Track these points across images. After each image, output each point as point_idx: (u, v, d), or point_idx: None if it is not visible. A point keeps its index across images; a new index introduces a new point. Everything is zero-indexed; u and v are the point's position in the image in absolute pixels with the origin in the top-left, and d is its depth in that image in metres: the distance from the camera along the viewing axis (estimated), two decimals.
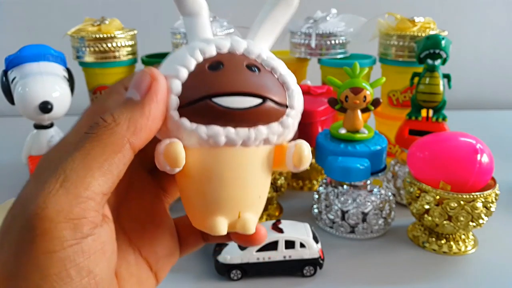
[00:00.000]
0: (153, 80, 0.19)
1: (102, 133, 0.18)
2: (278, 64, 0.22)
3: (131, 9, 1.03)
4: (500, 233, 0.54)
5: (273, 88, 0.21)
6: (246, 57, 0.21)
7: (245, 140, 0.20)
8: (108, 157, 0.18)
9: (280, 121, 0.21)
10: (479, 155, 0.46)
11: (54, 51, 0.61)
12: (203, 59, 0.20)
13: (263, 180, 0.22)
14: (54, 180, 0.16)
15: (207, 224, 0.21)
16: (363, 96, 0.49)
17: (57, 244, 0.16)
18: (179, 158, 0.19)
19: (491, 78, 1.11)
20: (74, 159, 0.17)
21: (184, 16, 0.22)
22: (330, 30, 0.68)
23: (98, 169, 0.17)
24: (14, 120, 0.76)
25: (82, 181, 0.17)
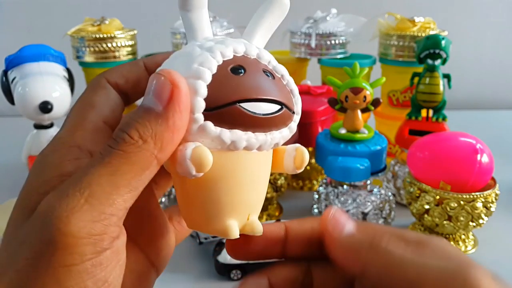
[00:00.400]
0: (175, 87, 0.18)
1: (130, 151, 0.17)
2: (285, 71, 0.22)
3: (131, 9, 1.03)
4: (500, 233, 0.54)
5: (286, 95, 0.22)
6: (259, 62, 0.21)
7: (262, 144, 0.21)
8: (135, 174, 0.17)
9: (288, 126, 0.22)
10: (479, 155, 0.46)
11: (54, 51, 0.61)
12: (223, 61, 0.20)
13: (266, 182, 0.23)
14: (78, 194, 0.16)
15: (219, 227, 0.21)
16: (363, 96, 0.49)
17: (76, 258, 0.16)
18: (207, 162, 0.19)
19: (491, 78, 1.11)
20: (101, 174, 0.17)
21: (185, 11, 0.22)
22: (330, 30, 0.68)
23: (125, 186, 0.17)
24: (14, 120, 0.77)
25: (108, 197, 0.17)
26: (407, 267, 0.19)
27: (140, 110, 0.18)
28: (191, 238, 0.53)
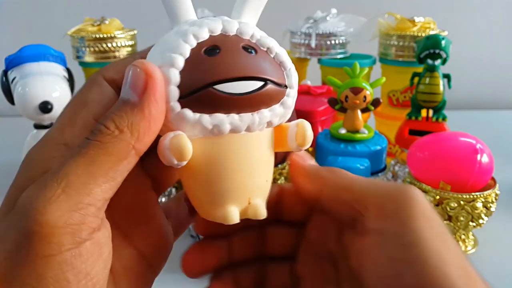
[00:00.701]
0: (148, 77, 0.18)
1: (107, 141, 0.18)
2: (272, 43, 0.21)
3: (131, 9, 1.03)
4: (500, 233, 0.54)
5: (272, 69, 0.20)
6: (240, 38, 0.20)
7: (250, 125, 0.20)
8: (113, 165, 0.17)
9: (281, 102, 0.21)
10: (479, 155, 0.46)
11: (54, 51, 0.61)
12: (197, 43, 0.19)
13: (268, 164, 0.22)
14: (55, 185, 0.16)
15: (218, 214, 0.21)
16: (363, 96, 0.49)
17: (55, 248, 0.16)
18: (185, 150, 0.19)
19: (491, 78, 1.11)
20: (78, 164, 0.17)
21: None
22: (330, 30, 0.68)
23: (102, 176, 0.17)
24: (14, 120, 0.77)
25: (85, 187, 0.17)
26: (355, 187, 0.21)
27: (117, 103, 0.19)
28: (191, 238, 0.52)
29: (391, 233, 0.19)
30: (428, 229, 0.19)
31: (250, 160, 0.21)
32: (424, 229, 0.19)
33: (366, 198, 0.21)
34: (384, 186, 0.21)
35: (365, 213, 0.20)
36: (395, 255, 0.19)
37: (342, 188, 0.22)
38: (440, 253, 0.18)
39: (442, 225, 0.20)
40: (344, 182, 0.22)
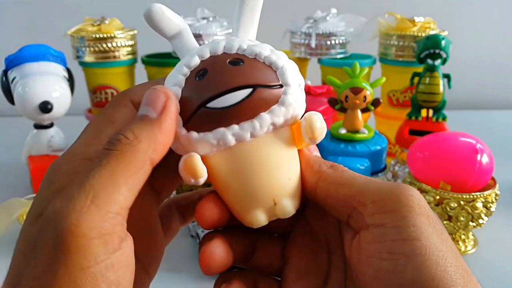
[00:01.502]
0: (168, 98, 0.20)
1: (126, 150, 0.19)
2: (260, 49, 0.22)
3: (131, 9, 1.03)
4: (500, 233, 0.54)
5: (259, 73, 0.21)
6: (227, 55, 0.21)
7: (252, 131, 0.21)
8: (133, 173, 0.18)
9: (279, 102, 0.21)
10: (479, 155, 0.46)
11: (54, 51, 0.61)
12: (190, 71, 0.21)
13: (288, 163, 0.22)
14: (84, 197, 0.17)
15: (247, 220, 0.22)
16: (363, 96, 0.49)
17: (91, 260, 0.17)
18: (197, 169, 0.20)
19: (491, 78, 1.11)
20: (101, 175, 0.18)
21: (169, 40, 0.23)
22: (330, 30, 0.68)
23: (124, 185, 0.18)
24: (14, 120, 0.77)
25: (111, 197, 0.17)
26: (354, 183, 0.22)
27: (136, 118, 0.20)
28: (191, 238, 0.53)
29: (391, 227, 0.19)
30: (426, 225, 0.19)
31: (265, 163, 0.21)
32: (424, 224, 0.19)
33: (365, 194, 0.21)
34: (383, 184, 0.21)
35: (362, 209, 0.21)
36: (395, 249, 0.19)
37: (339, 184, 0.22)
38: (440, 249, 0.19)
39: (439, 223, 0.20)
40: (342, 178, 0.22)
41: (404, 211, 0.19)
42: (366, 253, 0.20)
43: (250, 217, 0.22)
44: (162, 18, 0.22)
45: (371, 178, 0.22)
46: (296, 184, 0.23)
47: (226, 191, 0.22)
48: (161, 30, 0.22)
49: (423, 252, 0.18)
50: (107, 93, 0.67)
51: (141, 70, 0.70)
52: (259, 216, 0.22)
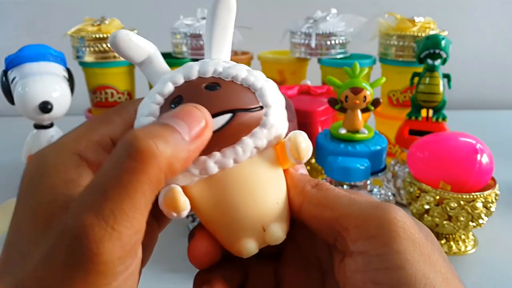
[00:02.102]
0: (206, 127, 0.18)
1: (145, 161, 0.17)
2: (237, 70, 0.21)
3: (131, 9, 1.03)
4: (500, 233, 0.54)
5: (238, 97, 0.20)
6: (202, 79, 0.20)
7: (235, 157, 0.20)
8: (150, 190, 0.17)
9: (261, 124, 0.20)
10: (479, 155, 0.46)
11: (54, 51, 0.61)
12: (164, 99, 0.20)
13: (274, 186, 0.21)
14: (104, 224, 0.16)
15: (236, 250, 0.21)
16: (363, 96, 0.49)
17: (109, 278, 0.17)
18: (179, 203, 0.19)
19: (491, 78, 1.11)
20: (121, 199, 0.16)
21: (138, 66, 0.22)
22: (330, 30, 0.68)
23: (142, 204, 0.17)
24: (14, 120, 0.77)
25: (131, 220, 0.17)
26: (337, 205, 0.20)
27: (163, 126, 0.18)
28: None
29: (373, 255, 0.18)
30: (412, 251, 0.18)
31: (251, 189, 0.20)
32: (408, 251, 0.18)
33: (347, 218, 0.20)
34: (367, 205, 0.20)
35: (345, 233, 0.20)
36: (379, 279, 0.18)
37: (323, 205, 0.21)
38: (427, 276, 0.18)
39: (426, 245, 0.19)
40: (326, 199, 0.21)
41: (387, 236, 0.18)
42: (351, 282, 0.19)
43: (239, 247, 0.21)
44: (129, 45, 0.21)
45: (356, 197, 0.21)
46: (283, 207, 0.22)
47: (212, 221, 0.21)
48: (129, 57, 0.21)
49: (408, 281, 0.17)
50: (107, 93, 0.67)
51: None
52: (248, 245, 0.21)
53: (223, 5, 0.22)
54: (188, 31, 0.66)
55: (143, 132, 0.17)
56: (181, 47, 0.68)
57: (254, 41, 0.76)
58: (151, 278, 0.45)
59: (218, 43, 0.23)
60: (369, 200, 0.20)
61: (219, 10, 0.22)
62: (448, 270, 0.19)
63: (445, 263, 0.19)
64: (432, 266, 0.18)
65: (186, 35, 0.67)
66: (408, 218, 0.19)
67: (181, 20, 0.69)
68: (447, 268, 0.19)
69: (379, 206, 0.20)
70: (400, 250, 0.18)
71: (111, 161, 0.17)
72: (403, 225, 0.19)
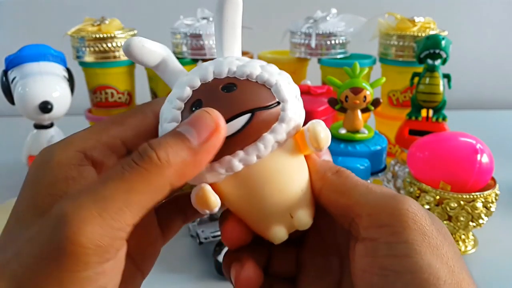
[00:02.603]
0: (216, 130, 0.19)
1: (151, 170, 0.18)
2: (251, 68, 0.21)
3: (131, 9, 1.03)
4: (500, 233, 0.54)
5: (255, 96, 0.20)
6: (218, 80, 0.21)
7: (258, 154, 0.20)
8: (149, 196, 0.18)
9: (279, 120, 0.21)
10: (479, 155, 0.46)
11: (54, 51, 0.61)
12: (184, 104, 0.21)
13: (297, 174, 0.22)
14: (92, 206, 0.17)
15: (268, 237, 0.23)
16: (363, 96, 0.49)
17: (81, 266, 0.17)
18: (210, 201, 0.20)
19: (491, 78, 1.11)
20: (117, 188, 0.17)
21: (154, 69, 0.23)
22: (330, 30, 0.68)
23: (137, 204, 0.18)
24: (14, 120, 0.77)
25: (120, 213, 0.17)
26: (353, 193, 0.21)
27: (173, 134, 0.19)
28: (191, 238, 0.53)
29: (383, 242, 0.19)
30: (420, 242, 0.19)
31: (276, 181, 0.21)
32: (417, 241, 0.19)
33: (361, 206, 0.20)
34: (382, 195, 0.20)
35: (358, 220, 0.20)
36: (386, 265, 0.19)
37: (340, 192, 0.21)
38: (433, 266, 0.18)
39: (436, 238, 0.19)
40: (344, 186, 0.22)
41: (397, 226, 0.19)
42: (359, 266, 0.20)
43: (270, 234, 0.22)
44: (143, 51, 0.22)
45: (373, 187, 0.21)
46: (308, 193, 0.23)
47: (243, 212, 0.22)
48: (144, 63, 0.22)
49: (413, 269, 0.18)
50: (107, 93, 0.67)
51: (141, 70, 0.70)
52: (278, 232, 0.22)
53: (230, 1, 0.22)
54: (188, 31, 0.66)
55: (157, 142, 0.18)
56: (181, 47, 0.68)
57: (254, 41, 0.76)
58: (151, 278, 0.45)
59: (229, 40, 0.23)
60: (385, 191, 0.21)
61: (226, 6, 0.22)
62: (457, 263, 0.19)
63: (455, 257, 0.19)
64: (439, 257, 0.19)
65: (186, 35, 0.66)
66: (421, 210, 0.20)
67: (181, 20, 0.69)
68: (456, 261, 0.19)
69: (393, 197, 0.20)
70: (408, 240, 0.19)
71: (120, 163, 0.18)
72: (414, 217, 0.19)
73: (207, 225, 0.51)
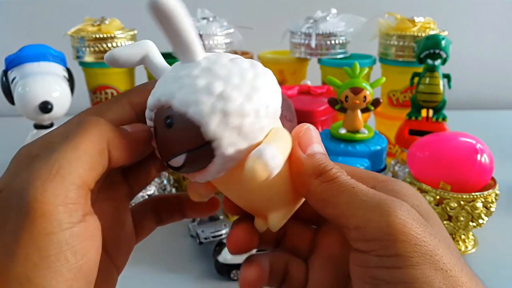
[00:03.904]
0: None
1: (89, 127, 0.19)
2: (185, 104, 0.19)
3: (131, 9, 1.03)
4: (500, 233, 0.54)
5: (187, 136, 0.19)
6: (162, 110, 0.20)
7: (213, 176, 0.21)
8: (94, 153, 0.19)
9: (215, 158, 0.19)
10: (479, 155, 0.46)
11: (54, 51, 0.61)
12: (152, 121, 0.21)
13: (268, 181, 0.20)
14: (50, 166, 0.18)
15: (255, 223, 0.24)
16: (363, 96, 0.49)
17: (55, 226, 0.17)
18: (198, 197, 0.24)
19: (491, 78, 1.11)
20: (66, 149, 0.18)
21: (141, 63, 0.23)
22: (330, 30, 0.68)
23: (86, 163, 0.19)
24: (14, 120, 0.77)
25: (75, 170, 0.18)
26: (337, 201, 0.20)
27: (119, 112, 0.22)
28: (191, 238, 0.53)
29: (373, 255, 0.19)
30: (412, 253, 0.18)
31: (245, 188, 0.22)
32: (408, 253, 0.18)
33: (347, 218, 0.20)
34: (367, 204, 0.19)
35: (347, 231, 0.20)
36: (378, 275, 0.19)
37: (324, 201, 0.21)
38: (426, 275, 0.18)
39: (429, 243, 0.18)
40: (328, 194, 0.21)
41: (386, 240, 0.18)
42: (353, 273, 0.20)
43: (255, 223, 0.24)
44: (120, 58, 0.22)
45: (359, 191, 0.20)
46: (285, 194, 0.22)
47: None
48: (128, 65, 0.22)
49: (405, 280, 0.18)
50: (107, 93, 0.67)
51: (141, 70, 0.70)
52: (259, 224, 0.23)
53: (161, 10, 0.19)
54: None
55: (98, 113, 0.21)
56: None
57: (254, 41, 0.76)
58: (151, 278, 0.45)
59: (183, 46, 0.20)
60: (372, 195, 0.20)
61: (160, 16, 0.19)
62: (456, 264, 0.19)
63: (452, 258, 0.19)
64: (433, 264, 0.18)
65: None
66: (410, 216, 0.19)
67: None
68: (452, 263, 0.19)
69: (380, 205, 0.19)
70: (398, 253, 0.18)
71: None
72: (403, 228, 0.18)
73: (207, 225, 0.51)
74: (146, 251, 0.49)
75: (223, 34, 0.66)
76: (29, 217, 0.17)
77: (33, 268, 0.16)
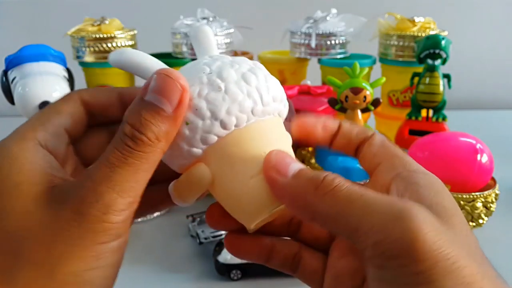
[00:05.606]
0: (184, 92, 0.20)
1: (149, 152, 0.20)
2: None
3: (131, 9, 1.03)
4: (500, 233, 0.54)
5: None
6: None
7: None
8: (152, 169, 0.21)
9: None
10: (479, 155, 0.46)
11: (54, 51, 0.61)
12: None
13: None
14: (111, 191, 0.19)
15: None
16: (363, 96, 0.49)
17: (112, 238, 0.20)
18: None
19: (491, 78, 1.11)
20: (127, 172, 0.20)
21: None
22: (330, 30, 0.68)
23: (142, 179, 0.20)
24: (14, 120, 0.76)
25: (132, 190, 0.20)
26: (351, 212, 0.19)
27: (149, 109, 0.20)
28: (191, 238, 0.53)
29: (390, 273, 0.18)
30: (432, 269, 0.17)
31: None
32: (429, 270, 0.17)
33: (364, 235, 0.18)
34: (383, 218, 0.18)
35: (363, 247, 0.18)
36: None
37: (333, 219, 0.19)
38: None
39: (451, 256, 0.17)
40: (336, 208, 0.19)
41: (405, 258, 0.17)
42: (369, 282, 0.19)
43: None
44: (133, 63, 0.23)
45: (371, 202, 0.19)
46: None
47: None
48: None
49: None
50: None
51: None
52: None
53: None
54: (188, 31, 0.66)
55: (138, 123, 0.20)
56: (181, 47, 0.68)
57: (254, 41, 0.76)
58: (151, 278, 0.45)
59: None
60: (385, 204, 0.18)
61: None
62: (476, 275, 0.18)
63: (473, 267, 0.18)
64: (454, 276, 0.17)
65: (186, 35, 0.66)
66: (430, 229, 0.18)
67: (181, 20, 0.69)
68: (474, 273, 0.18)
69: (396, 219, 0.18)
70: (419, 271, 0.17)
71: (115, 149, 0.20)
72: (423, 246, 0.17)
73: (207, 225, 0.51)
74: (146, 251, 0.49)
75: (223, 34, 0.66)
76: (92, 233, 0.19)
77: None
